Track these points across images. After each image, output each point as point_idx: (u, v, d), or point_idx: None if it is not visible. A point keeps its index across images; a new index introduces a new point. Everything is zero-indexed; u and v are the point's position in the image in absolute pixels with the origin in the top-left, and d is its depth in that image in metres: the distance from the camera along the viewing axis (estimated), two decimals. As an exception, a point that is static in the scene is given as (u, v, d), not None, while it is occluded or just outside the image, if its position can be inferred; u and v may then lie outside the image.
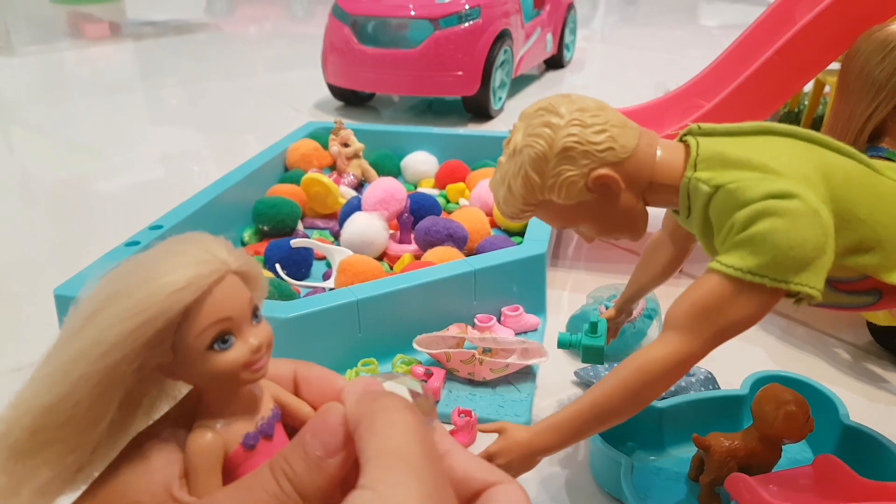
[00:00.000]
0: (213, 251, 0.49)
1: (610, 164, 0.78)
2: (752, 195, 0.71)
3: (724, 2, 6.33)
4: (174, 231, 1.38)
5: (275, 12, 6.05)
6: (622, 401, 0.75)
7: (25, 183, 2.21)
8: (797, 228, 0.70)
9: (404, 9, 2.64)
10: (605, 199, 0.79)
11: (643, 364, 0.74)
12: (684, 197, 0.79)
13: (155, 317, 0.46)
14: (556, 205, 0.80)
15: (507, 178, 0.81)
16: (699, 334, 0.73)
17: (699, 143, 0.78)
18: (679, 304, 0.75)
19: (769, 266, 0.69)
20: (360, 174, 1.94)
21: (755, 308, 0.72)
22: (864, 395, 1.15)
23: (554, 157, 0.77)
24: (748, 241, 0.70)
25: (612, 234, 0.84)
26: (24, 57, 4.03)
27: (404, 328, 1.19)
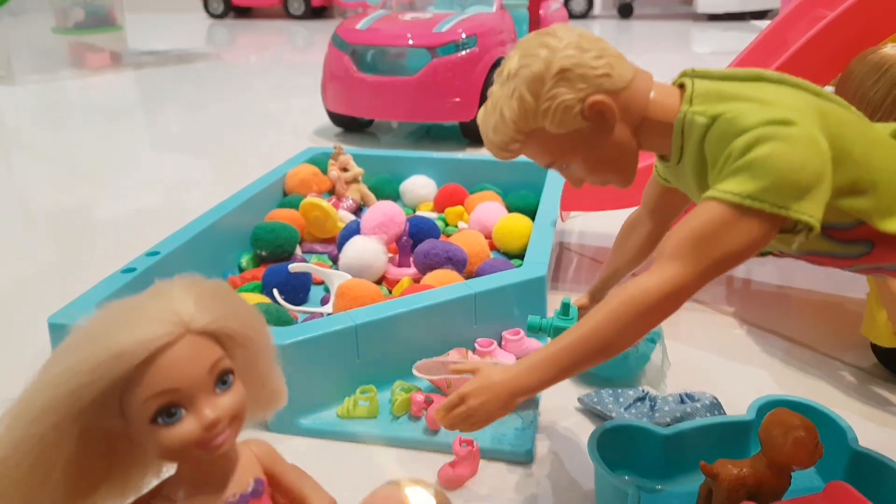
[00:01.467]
0: (176, 307, 0.44)
1: (606, 92, 0.76)
2: (750, 122, 0.69)
3: (716, 28, 6.40)
4: (171, 257, 1.37)
5: (275, 42, 6.11)
6: (612, 333, 0.70)
7: (25, 209, 2.20)
8: (797, 153, 0.68)
9: (402, 38, 2.66)
10: (598, 130, 0.77)
11: (636, 294, 0.70)
12: (678, 135, 0.77)
13: (89, 383, 0.41)
14: (548, 134, 0.77)
15: (500, 103, 0.78)
16: (696, 263, 0.69)
17: (695, 83, 0.77)
18: (674, 233, 0.72)
19: (769, 190, 0.67)
20: (359, 198, 1.93)
21: (754, 235, 0.69)
22: (871, 419, 1.13)
23: (551, 77, 0.75)
24: (747, 166, 0.68)
25: (602, 174, 0.81)
26: (26, 86, 4.06)
27: (404, 354, 1.17)
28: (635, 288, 0.70)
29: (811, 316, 1.45)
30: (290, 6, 7.62)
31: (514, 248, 1.64)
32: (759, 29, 6.19)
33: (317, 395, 1.12)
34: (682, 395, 1.11)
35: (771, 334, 1.38)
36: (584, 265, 1.70)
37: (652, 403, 1.10)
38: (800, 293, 1.55)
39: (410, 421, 1.11)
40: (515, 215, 1.70)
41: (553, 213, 1.56)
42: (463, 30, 2.66)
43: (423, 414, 1.10)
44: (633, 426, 0.98)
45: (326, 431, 1.09)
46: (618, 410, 1.10)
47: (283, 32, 6.69)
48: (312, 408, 1.12)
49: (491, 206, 1.76)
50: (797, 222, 0.69)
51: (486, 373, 0.78)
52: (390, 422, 1.11)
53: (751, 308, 1.48)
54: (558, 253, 1.74)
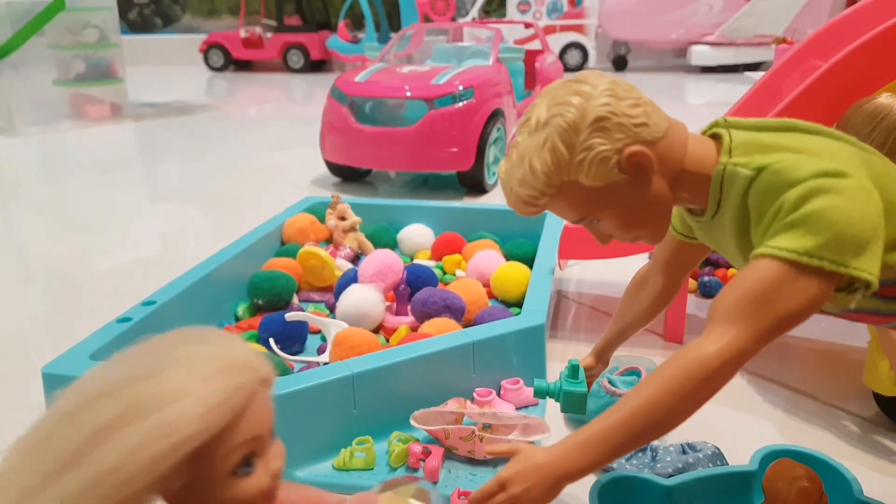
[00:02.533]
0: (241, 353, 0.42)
1: (644, 142, 0.71)
2: (801, 174, 0.65)
3: (710, 80, 6.52)
4: (167, 306, 1.36)
5: (274, 94, 6.20)
6: (670, 406, 0.64)
7: (22, 260, 2.20)
8: (854, 206, 0.64)
9: (400, 90, 2.70)
10: (635, 183, 0.73)
11: (693, 361, 0.65)
12: (716, 188, 0.73)
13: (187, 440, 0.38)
14: (581, 188, 0.72)
15: (528, 155, 0.72)
16: (754, 326, 0.65)
17: (731, 133, 0.74)
18: (727, 295, 0.67)
19: (828, 246, 0.63)
20: (356, 247, 1.94)
21: (813, 294, 0.64)
22: (875, 468, 1.11)
23: (586, 127, 0.70)
24: (802, 221, 0.64)
25: (634, 229, 0.77)
26: (26, 137, 4.10)
27: (401, 403, 1.16)
28: (690, 357, 0.66)
29: (812, 365, 1.44)
30: (289, 60, 7.77)
31: (513, 297, 1.63)
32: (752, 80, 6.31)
33: (312, 446, 1.11)
34: (683, 445, 1.09)
35: (772, 383, 1.36)
36: (582, 313, 1.69)
37: (653, 454, 1.09)
38: (800, 342, 1.54)
39: (408, 472, 1.09)
40: (513, 263, 1.70)
41: (551, 261, 1.56)
42: (460, 82, 2.70)
43: (421, 465, 1.09)
44: (634, 477, 0.96)
45: (322, 483, 1.07)
46: (618, 461, 1.08)
47: (283, 85, 6.80)
48: (308, 459, 1.10)
49: (489, 255, 1.76)
50: (854, 280, 0.66)
51: (527, 454, 0.71)
52: (387, 473, 1.09)
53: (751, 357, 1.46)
54: (557, 301, 1.73)
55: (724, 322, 0.66)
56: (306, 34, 7.67)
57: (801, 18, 6.83)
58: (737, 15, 6.82)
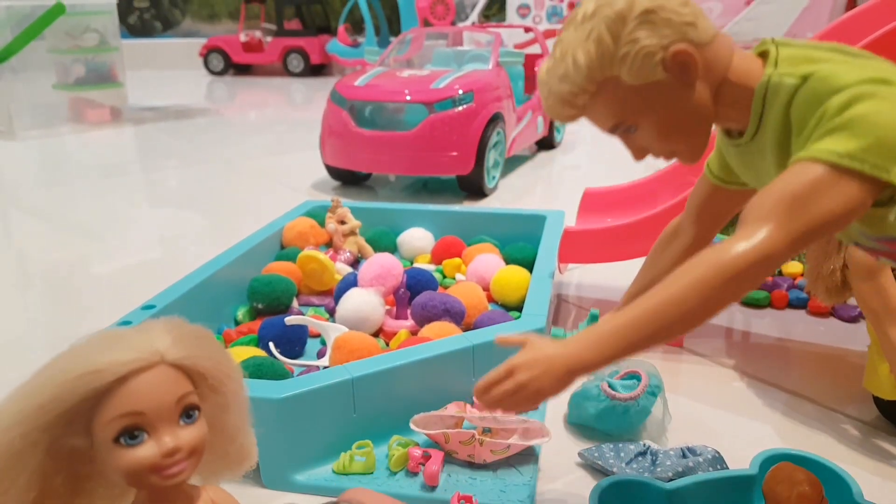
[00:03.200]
0: (154, 339, 0.47)
1: (691, 43, 0.69)
2: (848, 79, 0.64)
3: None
4: (167, 310, 1.36)
5: (274, 98, 6.21)
6: (696, 302, 0.62)
7: (22, 266, 2.20)
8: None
9: (400, 94, 2.71)
10: (678, 85, 0.71)
11: (723, 259, 0.62)
12: (759, 101, 0.71)
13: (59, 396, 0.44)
14: (622, 86, 0.70)
15: (572, 48, 0.70)
16: (786, 226, 0.62)
17: (779, 48, 0.72)
18: (762, 196, 0.65)
19: (870, 150, 0.61)
20: (356, 251, 1.94)
21: (852, 199, 0.62)
22: (875, 472, 1.11)
23: (634, 18, 0.68)
24: (846, 124, 0.63)
25: (672, 141, 0.74)
26: (26, 141, 4.10)
27: (401, 407, 1.16)
28: (720, 254, 0.63)
29: (812, 368, 1.44)
30: (289, 64, 7.77)
31: (512, 300, 1.63)
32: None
33: (312, 450, 1.10)
34: (683, 449, 1.09)
35: (772, 387, 1.36)
36: (582, 317, 1.69)
37: (653, 458, 1.08)
38: (800, 346, 1.54)
39: (408, 476, 1.09)
40: (513, 267, 1.70)
41: (551, 265, 1.56)
42: (460, 86, 2.71)
43: (421, 469, 1.08)
44: (634, 481, 0.96)
45: (322, 487, 1.07)
46: (619, 465, 1.08)
47: (283, 89, 6.81)
48: (308, 463, 1.10)
49: (488, 258, 1.76)
50: (894, 191, 0.64)
51: (538, 344, 0.70)
52: (387, 477, 1.08)
53: (751, 361, 1.47)
54: (556, 305, 1.73)
55: (757, 221, 0.63)
56: (306, 38, 7.68)
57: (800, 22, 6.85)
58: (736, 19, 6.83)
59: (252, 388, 1.07)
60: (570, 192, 2.47)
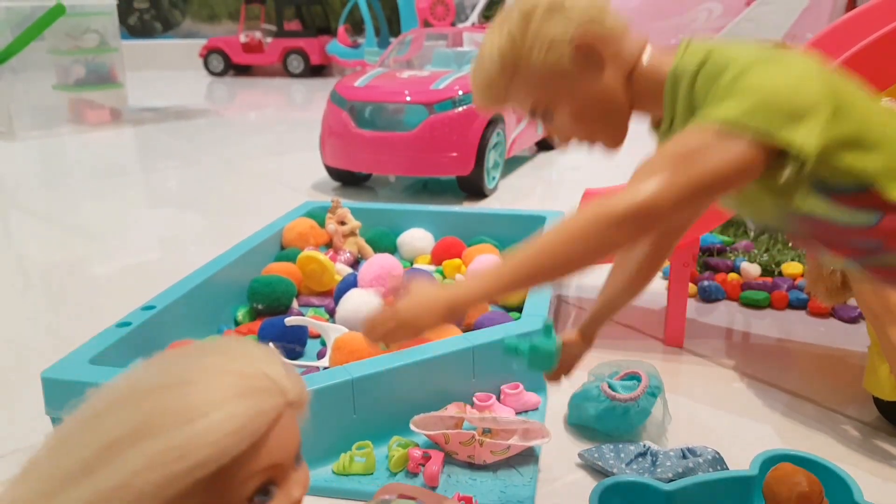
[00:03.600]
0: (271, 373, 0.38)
1: (595, 35, 0.74)
2: (741, 56, 0.66)
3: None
4: (167, 311, 1.36)
5: (274, 99, 6.21)
6: (575, 246, 0.65)
7: (22, 266, 2.20)
8: (793, 73, 0.63)
9: (400, 95, 2.71)
10: (585, 73, 0.75)
11: (605, 205, 0.64)
12: (669, 90, 0.74)
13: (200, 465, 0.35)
14: (534, 73, 0.75)
15: (489, 45, 0.77)
16: (671, 179, 0.63)
17: (690, 41, 0.75)
18: (650, 157, 0.67)
19: (754, 111, 0.62)
20: (356, 251, 1.94)
21: (738, 158, 0.62)
22: (875, 473, 1.11)
23: (540, 12, 0.74)
24: (733, 90, 0.64)
25: (589, 125, 0.78)
26: (26, 142, 4.10)
27: (401, 408, 1.16)
28: (609, 200, 0.65)
29: (812, 369, 1.44)
30: (289, 64, 7.78)
31: (512, 301, 1.63)
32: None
33: (312, 451, 1.10)
34: (683, 449, 1.09)
35: (772, 388, 1.36)
36: (582, 318, 1.69)
37: (653, 458, 1.08)
38: (800, 346, 1.54)
39: (408, 477, 1.09)
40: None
41: (550, 266, 1.56)
42: (460, 87, 2.71)
43: (421, 470, 1.08)
44: (634, 482, 0.96)
45: (322, 488, 1.07)
46: (619, 466, 1.08)
47: (283, 90, 6.81)
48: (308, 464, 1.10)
49: (488, 259, 1.76)
50: (788, 145, 0.62)
51: (421, 286, 0.73)
52: (387, 478, 1.08)
53: (751, 362, 1.46)
54: (556, 306, 1.73)
55: (644, 175, 0.65)
56: (306, 39, 7.68)
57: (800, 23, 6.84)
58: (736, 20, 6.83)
59: (252, 389, 1.08)
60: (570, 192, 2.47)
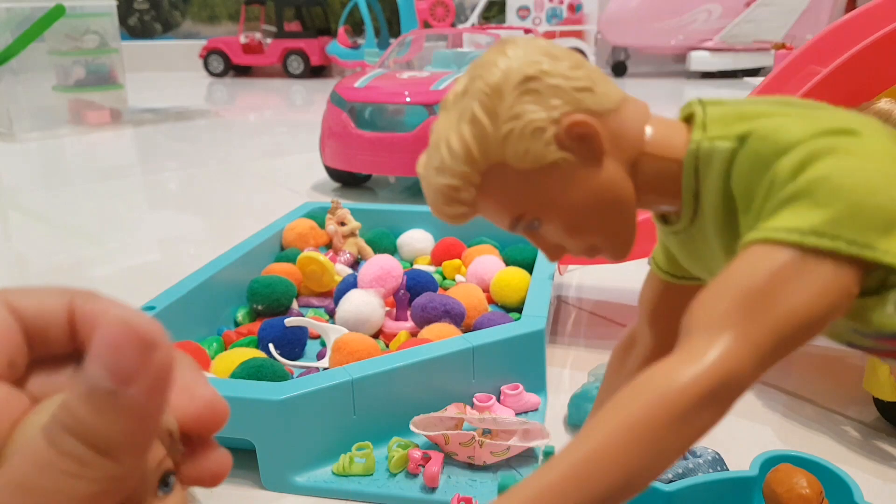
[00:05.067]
0: None
1: (589, 112, 0.55)
2: (797, 135, 0.49)
3: (709, 86, 6.53)
4: (166, 311, 1.36)
5: (274, 100, 6.21)
6: (636, 457, 0.41)
7: (21, 268, 2.19)
8: (875, 167, 0.46)
9: (400, 96, 2.71)
10: (579, 166, 0.55)
11: (665, 391, 0.42)
12: (690, 175, 0.56)
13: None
14: (513, 173, 0.55)
15: (445, 134, 0.56)
16: (749, 335, 0.43)
17: (706, 108, 0.58)
18: (709, 296, 0.46)
19: (842, 221, 0.44)
20: (356, 252, 1.94)
21: (830, 289, 0.44)
22: (876, 474, 1.11)
23: (513, 88, 0.54)
24: (805, 191, 0.46)
25: (587, 234, 0.58)
26: (25, 143, 4.10)
27: (401, 409, 1.16)
28: (662, 381, 0.43)
29: (812, 370, 1.44)
30: (289, 65, 7.77)
31: (512, 302, 1.63)
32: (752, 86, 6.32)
33: (312, 452, 1.10)
34: (683, 450, 1.09)
35: (772, 388, 1.36)
36: (582, 319, 1.69)
37: (653, 459, 1.08)
38: (799, 346, 1.54)
39: (408, 478, 1.09)
40: (513, 269, 1.70)
41: (551, 267, 1.56)
42: (459, 87, 2.70)
43: (421, 471, 1.08)
44: (634, 483, 0.96)
45: (322, 489, 1.07)
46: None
47: (282, 91, 6.81)
48: (307, 465, 1.10)
49: (488, 260, 1.76)
50: (888, 272, 0.46)
51: None
52: (387, 479, 1.08)
53: (750, 361, 1.46)
54: (557, 306, 1.73)
55: (706, 331, 0.44)
56: (306, 40, 7.68)
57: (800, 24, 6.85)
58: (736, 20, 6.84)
59: (251, 390, 1.08)
60: (570, 193, 2.47)
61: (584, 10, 7.35)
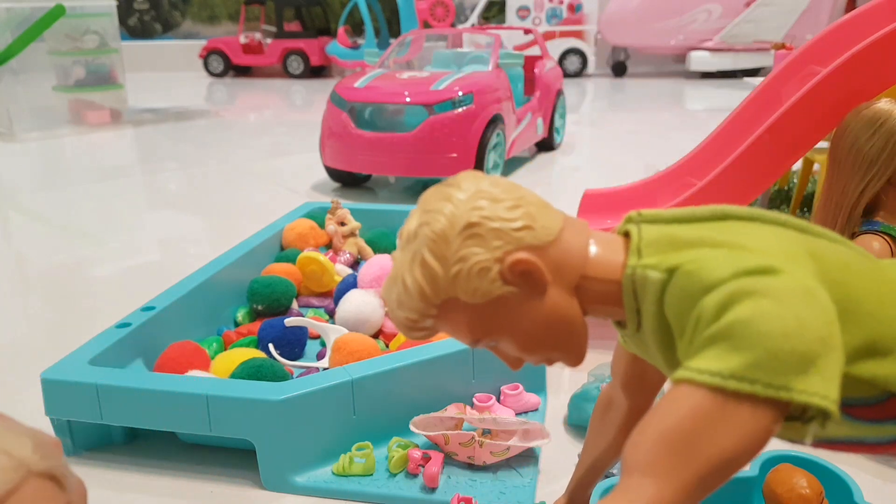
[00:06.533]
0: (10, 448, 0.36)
1: (529, 248, 0.60)
2: (720, 274, 0.53)
3: (709, 87, 6.53)
4: (166, 312, 1.36)
5: (274, 100, 6.21)
6: None
7: (21, 268, 2.19)
8: (790, 310, 0.50)
9: (400, 96, 2.71)
10: (527, 296, 0.61)
11: None
12: (629, 296, 0.61)
13: None
14: (466, 306, 0.61)
15: (401, 272, 0.62)
16: (673, 478, 0.49)
17: (641, 228, 0.62)
18: (639, 436, 0.52)
19: (760, 365, 0.49)
20: (356, 252, 1.94)
21: (751, 430, 0.49)
22: (876, 474, 1.11)
23: (456, 235, 0.59)
24: (725, 334, 0.50)
25: (541, 351, 0.64)
26: (26, 143, 4.10)
27: (401, 409, 1.16)
28: None
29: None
30: (289, 66, 7.78)
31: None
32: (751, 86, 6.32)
33: (312, 452, 1.10)
34: (683, 450, 1.09)
35: (772, 388, 1.36)
36: (581, 319, 1.69)
37: (653, 459, 1.08)
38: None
39: (407, 478, 1.09)
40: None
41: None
42: (459, 87, 2.71)
43: (421, 471, 1.08)
44: (634, 483, 0.96)
45: (322, 489, 1.07)
46: (618, 467, 1.08)
47: (282, 91, 6.81)
48: (307, 465, 1.10)
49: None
50: (805, 407, 0.50)
51: None
52: (387, 479, 1.08)
53: (750, 362, 1.46)
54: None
55: (638, 472, 0.50)
56: (306, 40, 7.69)
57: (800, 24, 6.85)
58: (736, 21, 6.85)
59: (252, 390, 1.08)
60: (570, 193, 2.47)
61: (584, 10, 7.35)
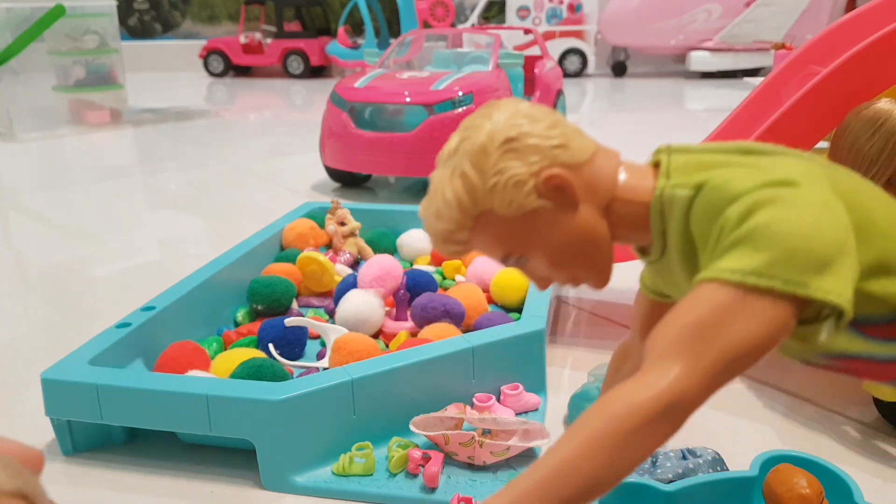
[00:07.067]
0: None
1: (564, 165, 0.64)
2: (743, 185, 0.58)
3: (709, 87, 6.53)
4: (167, 312, 1.36)
5: (274, 100, 6.21)
6: (596, 468, 0.52)
7: (21, 269, 2.19)
8: (808, 216, 0.54)
9: (400, 96, 2.71)
10: (559, 211, 0.65)
11: (621, 411, 0.52)
12: (657, 217, 0.65)
13: None
14: (500, 218, 0.65)
15: (441, 186, 0.67)
16: (697, 361, 0.53)
17: (671, 157, 0.66)
18: (664, 327, 0.56)
19: (779, 262, 0.53)
20: (356, 252, 1.94)
21: (768, 322, 0.53)
22: (876, 474, 1.11)
23: (496, 148, 0.64)
24: (747, 237, 0.55)
25: (569, 267, 0.68)
26: (26, 143, 4.10)
27: (401, 409, 1.16)
28: (620, 402, 0.53)
29: (812, 370, 1.44)
30: (289, 66, 7.78)
31: (512, 302, 1.63)
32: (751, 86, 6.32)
33: (312, 452, 1.10)
34: (683, 450, 1.09)
35: (772, 388, 1.36)
36: (582, 319, 1.69)
37: (653, 459, 1.08)
38: (799, 346, 1.54)
39: (407, 478, 1.09)
40: (513, 269, 1.70)
41: (550, 267, 1.56)
42: (459, 87, 2.71)
43: (421, 471, 1.08)
44: (634, 483, 0.96)
45: (321, 489, 1.07)
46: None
47: (282, 91, 6.81)
48: (307, 465, 1.10)
49: (488, 260, 1.76)
50: (821, 306, 0.55)
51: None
52: (387, 479, 1.08)
53: (750, 362, 1.46)
54: (556, 307, 1.73)
55: (661, 358, 0.54)
56: (306, 40, 7.69)
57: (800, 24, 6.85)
58: (736, 21, 6.84)
59: (252, 390, 1.08)
60: (570, 193, 2.47)
61: (584, 10, 7.35)
